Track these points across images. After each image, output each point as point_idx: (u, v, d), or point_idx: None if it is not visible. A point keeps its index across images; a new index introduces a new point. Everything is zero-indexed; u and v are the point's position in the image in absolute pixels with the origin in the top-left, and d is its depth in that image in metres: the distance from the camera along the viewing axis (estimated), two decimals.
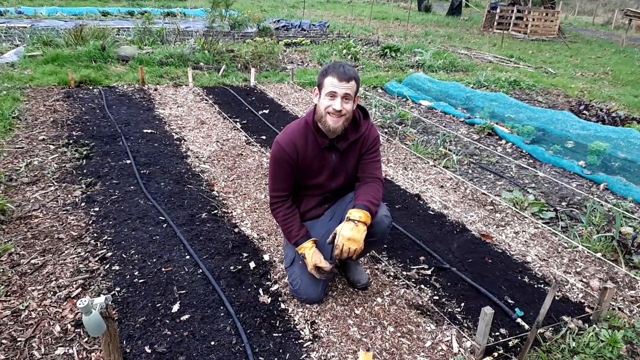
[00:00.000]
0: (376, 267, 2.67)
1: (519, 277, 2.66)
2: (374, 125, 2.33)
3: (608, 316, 2.33)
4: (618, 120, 5.73)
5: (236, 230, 2.96)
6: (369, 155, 2.30)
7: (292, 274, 2.33)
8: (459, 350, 2.09)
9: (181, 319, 2.16)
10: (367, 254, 2.70)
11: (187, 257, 2.63)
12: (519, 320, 2.28)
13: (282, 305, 2.30)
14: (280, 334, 2.12)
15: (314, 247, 2.24)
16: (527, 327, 2.24)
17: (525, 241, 3.08)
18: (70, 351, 1.94)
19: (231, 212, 3.18)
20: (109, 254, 2.61)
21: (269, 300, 2.33)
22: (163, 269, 2.50)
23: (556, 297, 2.51)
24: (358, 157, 2.30)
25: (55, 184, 3.36)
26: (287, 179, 2.28)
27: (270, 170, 2.29)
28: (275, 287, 2.44)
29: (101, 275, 2.43)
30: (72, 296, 2.26)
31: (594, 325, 2.24)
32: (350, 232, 2.04)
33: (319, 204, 2.39)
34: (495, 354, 2.06)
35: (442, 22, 19.24)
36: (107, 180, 3.49)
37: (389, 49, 9.92)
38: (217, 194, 3.42)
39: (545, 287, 2.58)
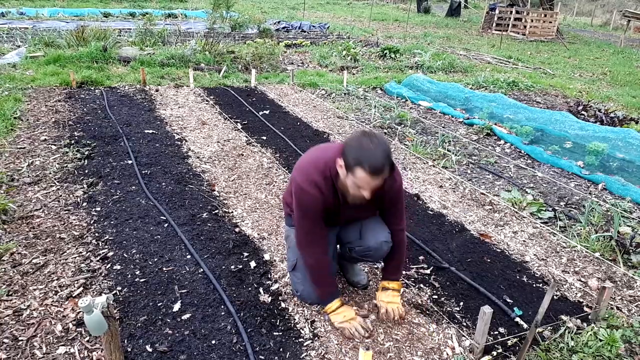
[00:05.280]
0: (375, 266, 2.68)
1: (518, 277, 2.67)
2: (398, 173, 2.11)
3: (606, 315, 2.34)
4: (616, 120, 5.74)
5: (237, 229, 2.98)
6: (395, 206, 2.20)
7: (295, 279, 2.32)
8: (458, 349, 2.10)
9: (182, 318, 2.18)
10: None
11: (188, 256, 2.65)
12: (517, 319, 2.30)
13: (283, 305, 2.32)
14: (280, 333, 2.13)
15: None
16: (525, 326, 2.26)
17: (524, 241, 3.09)
18: (72, 350, 1.95)
19: (232, 212, 3.19)
20: (111, 253, 2.62)
21: (270, 299, 2.35)
22: (164, 269, 2.52)
23: (555, 297, 2.52)
24: (375, 202, 2.13)
25: (57, 184, 3.38)
26: (319, 220, 2.06)
27: (298, 217, 2.07)
28: (276, 286, 2.45)
29: (102, 274, 2.44)
30: (73, 295, 2.27)
31: (593, 325, 2.26)
32: (387, 297, 2.26)
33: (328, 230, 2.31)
34: (494, 353, 2.08)
35: (441, 24, 19.26)
36: (109, 180, 3.50)
37: (389, 50, 9.95)
38: (218, 194, 3.44)
39: (544, 287, 2.60)
